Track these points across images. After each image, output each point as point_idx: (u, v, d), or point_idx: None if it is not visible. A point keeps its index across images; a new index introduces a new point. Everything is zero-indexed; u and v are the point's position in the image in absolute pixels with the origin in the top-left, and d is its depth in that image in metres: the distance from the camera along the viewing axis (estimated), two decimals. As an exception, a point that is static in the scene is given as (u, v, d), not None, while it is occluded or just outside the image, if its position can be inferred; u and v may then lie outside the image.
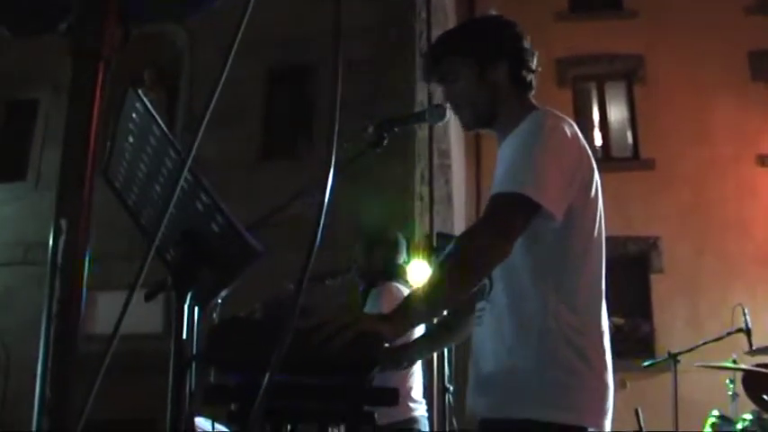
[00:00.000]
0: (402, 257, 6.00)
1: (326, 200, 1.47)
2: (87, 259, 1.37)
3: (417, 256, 7.26)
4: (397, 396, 2.33)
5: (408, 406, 5.59)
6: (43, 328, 1.28)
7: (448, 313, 3.27)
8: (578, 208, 2.69)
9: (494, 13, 3.10)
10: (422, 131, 12.73)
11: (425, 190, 12.80)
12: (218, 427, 6.00)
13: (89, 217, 1.35)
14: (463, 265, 2.56)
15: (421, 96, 13.39)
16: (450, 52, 3.00)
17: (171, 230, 2.21)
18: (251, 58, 13.17)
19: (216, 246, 2.13)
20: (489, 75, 2.93)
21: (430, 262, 6.76)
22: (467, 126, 3.05)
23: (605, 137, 17.52)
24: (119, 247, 10.71)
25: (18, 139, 15.95)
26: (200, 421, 6.03)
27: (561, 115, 2.82)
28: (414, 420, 5.60)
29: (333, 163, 1.47)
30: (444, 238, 11.68)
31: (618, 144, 17.55)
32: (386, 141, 3.08)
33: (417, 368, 5.71)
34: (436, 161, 13.01)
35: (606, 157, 16.74)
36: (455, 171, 14.88)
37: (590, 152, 2.81)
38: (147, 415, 8.00)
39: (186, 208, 2.13)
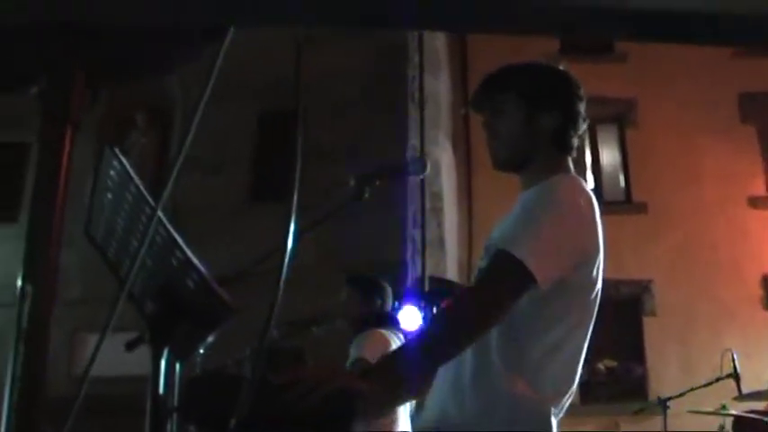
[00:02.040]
0: (389, 305, 6.00)
1: (288, 249, 1.49)
2: (49, 324, 1.38)
3: (409, 300, 7.26)
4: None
5: None
6: (7, 390, 1.29)
7: None
8: (568, 286, 2.62)
9: (562, 67, 3.05)
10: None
11: (417, 233, 12.81)
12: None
13: (55, 282, 1.36)
14: (456, 331, 2.52)
15: (413, 140, 13.43)
16: (508, 86, 2.95)
17: (149, 285, 2.22)
18: (240, 103, 13.20)
19: (190, 302, 2.14)
20: (537, 122, 2.88)
21: (421, 306, 6.76)
22: (497, 164, 2.97)
23: (597, 180, 17.55)
24: (108, 290, 10.65)
25: (10, 181, 15.98)
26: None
27: (584, 187, 2.79)
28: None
29: (293, 212, 1.49)
30: (436, 281, 11.69)
31: (610, 187, 17.58)
32: (367, 195, 3.09)
33: (404, 413, 5.67)
34: (428, 204, 13.03)
35: (598, 201, 16.67)
36: (447, 214, 14.89)
37: (600, 232, 2.73)
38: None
39: (163, 263, 2.14)
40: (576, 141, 2.97)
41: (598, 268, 2.72)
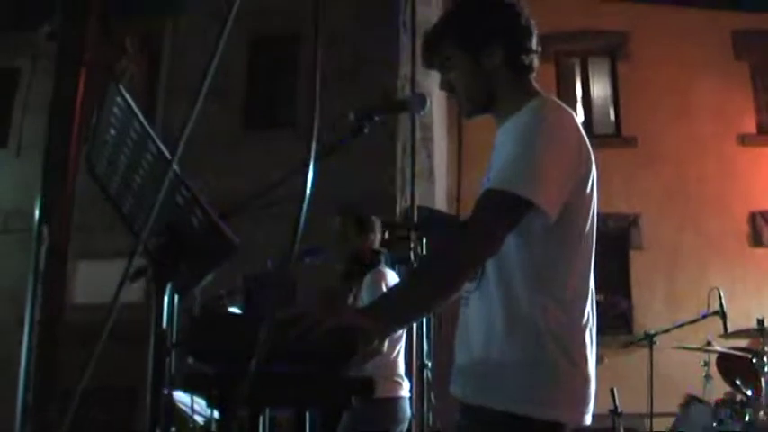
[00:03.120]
0: (380, 238, 6.03)
1: (308, 191, 1.49)
2: (66, 260, 1.39)
3: (398, 230, 7.27)
4: (372, 386, 2.37)
5: (398, 384, 5.65)
6: (26, 333, 1.31)
7: None
8: (573, 205, 2.65)
9: None
10: (404, 105, 12.64)
11: (407, 163, 12.79)
12: (197, 400, 6.05)
13: (70, 224, 1.37)
14: (451, 263, 2.56)
15: (405, 70, 13.34)
16: (443, 41, 2.93)
17: (154, 222, 2.23)
18: (233, 29, 13.09)
19: (195, 239, 2.16)
20: (484, 62, 2.85)
21: (410, 236, 6.76)
22: (466, 115, 2.96)
23: (587, 113, 17.48)
24: (101, 218, 10.65)
25: (-1, 106, 15.90)
26: (180, 395, 6.08)
27: (562, 106, 2.77)
28: (400, 399, 5.65)
29: (313, 154, 1.49)
30: (426, 211, 11.68)
31: (600, 121, 17.51)
32: (366, 130, 3.08)
33: (402, 348, 5.75)
34: (418, 135, 12.97)
35: (588, 134, 16.51)
36: (437, 145, 14.87)
37: (589, 146, 2.75)
38: (128, 383, 7.98)
39: (168, 201, 2.15)
40: (533, 58, 2.93)
41: (593, 185, 2.75)
